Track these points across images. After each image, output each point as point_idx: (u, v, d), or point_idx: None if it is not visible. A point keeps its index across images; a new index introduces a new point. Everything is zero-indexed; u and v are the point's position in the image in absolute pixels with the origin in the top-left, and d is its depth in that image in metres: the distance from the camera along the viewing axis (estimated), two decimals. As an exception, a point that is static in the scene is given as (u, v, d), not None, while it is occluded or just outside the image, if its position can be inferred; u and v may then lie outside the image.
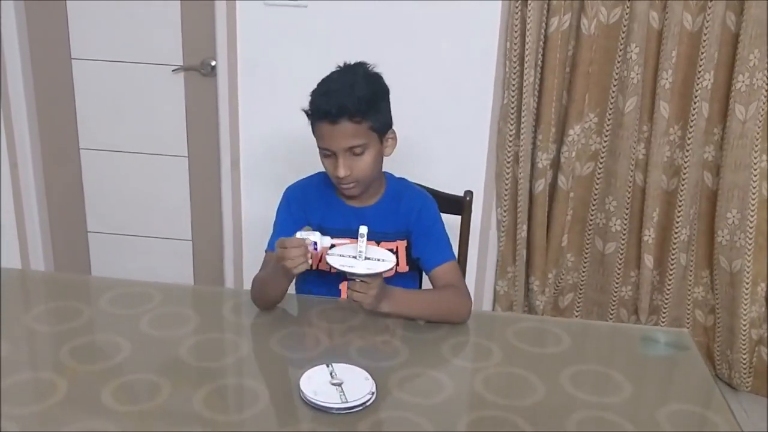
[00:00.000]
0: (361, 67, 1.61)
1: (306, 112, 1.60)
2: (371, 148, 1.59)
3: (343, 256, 1.48)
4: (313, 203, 1.71)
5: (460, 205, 1.94)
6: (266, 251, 1.69)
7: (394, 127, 1.65)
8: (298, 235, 1.47)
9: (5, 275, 1.73)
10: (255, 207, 2.65)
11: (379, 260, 1.48)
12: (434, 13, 2.37)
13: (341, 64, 1.62)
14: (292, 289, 1.79)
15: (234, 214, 2.68)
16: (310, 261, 1.46)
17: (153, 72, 2.59)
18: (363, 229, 1.46)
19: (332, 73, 1.62)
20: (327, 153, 1.59)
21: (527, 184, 2.52)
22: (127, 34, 2.57)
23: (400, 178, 1.77)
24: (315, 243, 1.46)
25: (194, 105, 2.63)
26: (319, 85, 1.60)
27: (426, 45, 2.42)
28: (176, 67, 2.58)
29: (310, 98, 1.60)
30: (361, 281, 1.47)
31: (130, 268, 2.83)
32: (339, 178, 1.59)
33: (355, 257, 1.47)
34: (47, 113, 2.71)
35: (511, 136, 2.46)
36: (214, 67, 2.54)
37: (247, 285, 2.63)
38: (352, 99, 1.53)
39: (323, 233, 1.68)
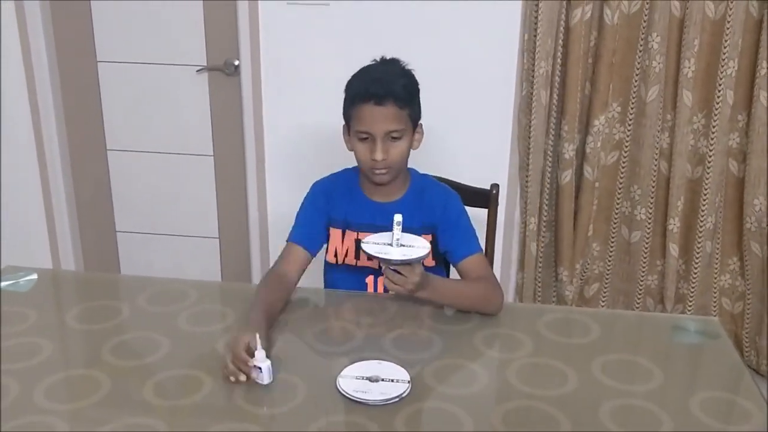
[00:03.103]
0: (397, 61, 1.66)
1: (347, 95, 1.63)
2: (407, 136, 1.62)
3: (377, 243, 1.47)
4: (338, 198, 1.73)
5: (486, 198, 1.95)
6: (287, 242, 1.72)
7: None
8: (256, 354, 1.33)
9: (40, 276, 1.77)
10: (280, 204, 2.67)
11: (413, 247, 1.48)
12: (456, 8, 2.38)
13: (377, 58, 1.66)
14: (321, 283, 1.82)
15: (260, 211, 2.71)
16: (243, 378, 1.34)
17: (177, 73, 2.63)
18: (398, 217, 1.46)
19: (371, 64, 1.65)
20: (364, 137, 1.60)
21: (539, 177, 2.52)
22: (151, 35, 2.61)
23: (424, 174, 1.79)
24: (260, 369, 1.33)
25: (219, 104, 2.66)
26: (359, 73, 1.64)
27: (448, 40, 2.43)
28: (200, 68, 2.61)
29: (350, 83, 1.63)
30: (397, 269, 1.47)
31: (158, 266, 2.88)
32: (375, 162, 1.60)
33: (390, 245, 1.47)
34: (74, 116, 2.75)
35: (530, 128, 2.47)
36: (237, 67, 2.57)
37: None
38: (398, 84, 1.59)
39: (348, 228, 1.69)
